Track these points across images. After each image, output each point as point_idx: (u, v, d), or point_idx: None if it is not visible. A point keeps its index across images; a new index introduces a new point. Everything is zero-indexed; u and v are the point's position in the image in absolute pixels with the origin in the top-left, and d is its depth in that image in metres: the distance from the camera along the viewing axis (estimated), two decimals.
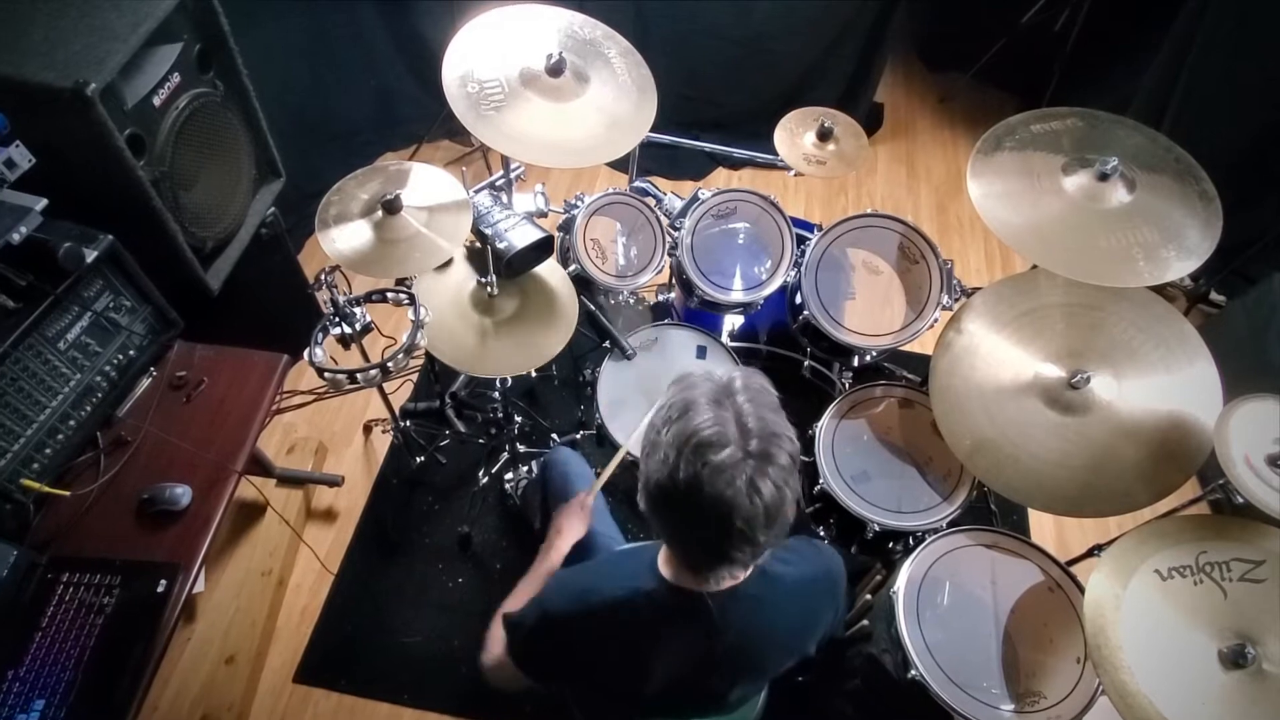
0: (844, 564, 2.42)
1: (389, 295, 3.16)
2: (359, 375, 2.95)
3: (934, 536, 3.30)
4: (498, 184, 3.80)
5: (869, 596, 3.45)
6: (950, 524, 3.46)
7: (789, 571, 2.20)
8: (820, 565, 2.35)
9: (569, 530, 2.86)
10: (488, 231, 3.28)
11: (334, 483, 4.50)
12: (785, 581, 2.18)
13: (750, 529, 1.76)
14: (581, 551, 2.91)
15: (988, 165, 3.19)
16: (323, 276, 2.94)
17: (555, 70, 3.27)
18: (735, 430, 1.76)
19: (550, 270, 3.49)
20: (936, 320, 3.76)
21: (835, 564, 2.39)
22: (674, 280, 4.35)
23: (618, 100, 3.40)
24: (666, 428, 1.82)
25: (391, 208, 2.96)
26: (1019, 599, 3.18)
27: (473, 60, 3.23)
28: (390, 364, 2.97)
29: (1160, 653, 2.55)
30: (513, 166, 3.82)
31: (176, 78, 3.12)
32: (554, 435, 4.53)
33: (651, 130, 3.46)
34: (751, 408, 1.81)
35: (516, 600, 2.57)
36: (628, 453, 3.20)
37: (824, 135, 4.01)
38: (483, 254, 3.27)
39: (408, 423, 4.42)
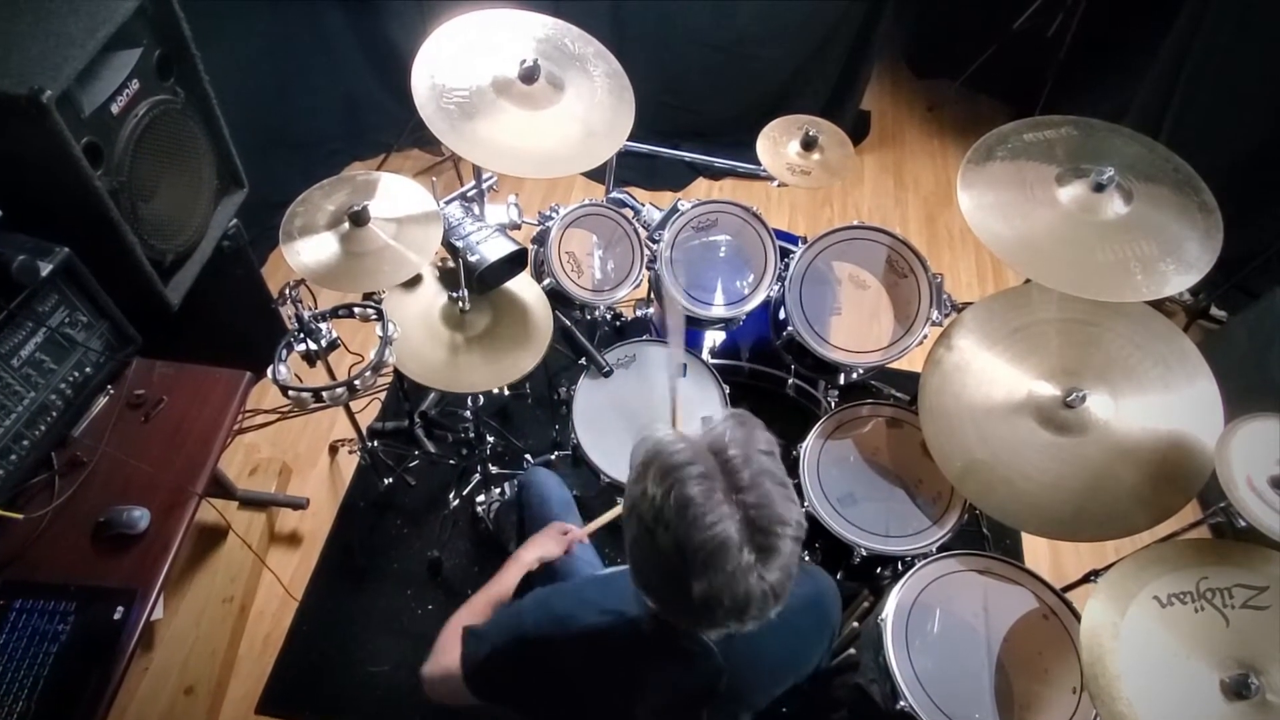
0: (833, 582, 2.42)
1: (356, 310, 3.15)
2: (325, 394, 2.94)
3: (924, 562, 3.30)
4: (469, 195, 3.81)
5: (856, 624, 3.45)
6: (940, 548, 3.46)
7: None
8: (813, 588, 2.34)
9: (539, 546, 2.87)
10: (459, 244, 3.27)
11: (298, 505, 4.48)
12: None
13: (762, 612, 1.76)
14: (553, 574, 2.91)
15: (979, 175, 3.19)
16: (287, 291, 2.93)
17: (529, 77, 3.27)
18: (740, 528, 1.69)
19: (524, 285, 3.49)
20: (926, 336, 3.75)
21: (827, 585, 2.39)
22: (653, 295, 4.35)
23: (594, 108, 3.40)
24: (660, 530, 1.74)
25: (359, 219, 2.96)
26: (1012, 627, 3.18)
27: (444, 67, 3.23)
28: (357, 382, 2.96)
29: (1160, 683, 2.55)
30: (485, 177, 3.82)
31: (135, 84, 3.11)
32: (528, 456, 4.53)
33: (629, 139, 3.47)
34: (754, 484, 1.73)
35: (474, 612, 2.58)
36: (608, 477, 3.22)
37: (808, 144, 4.02)
38: (453, 268, 3.27)
39: (375, 443, 4.40)
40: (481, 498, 4.36)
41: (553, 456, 4.40)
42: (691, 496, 1.70)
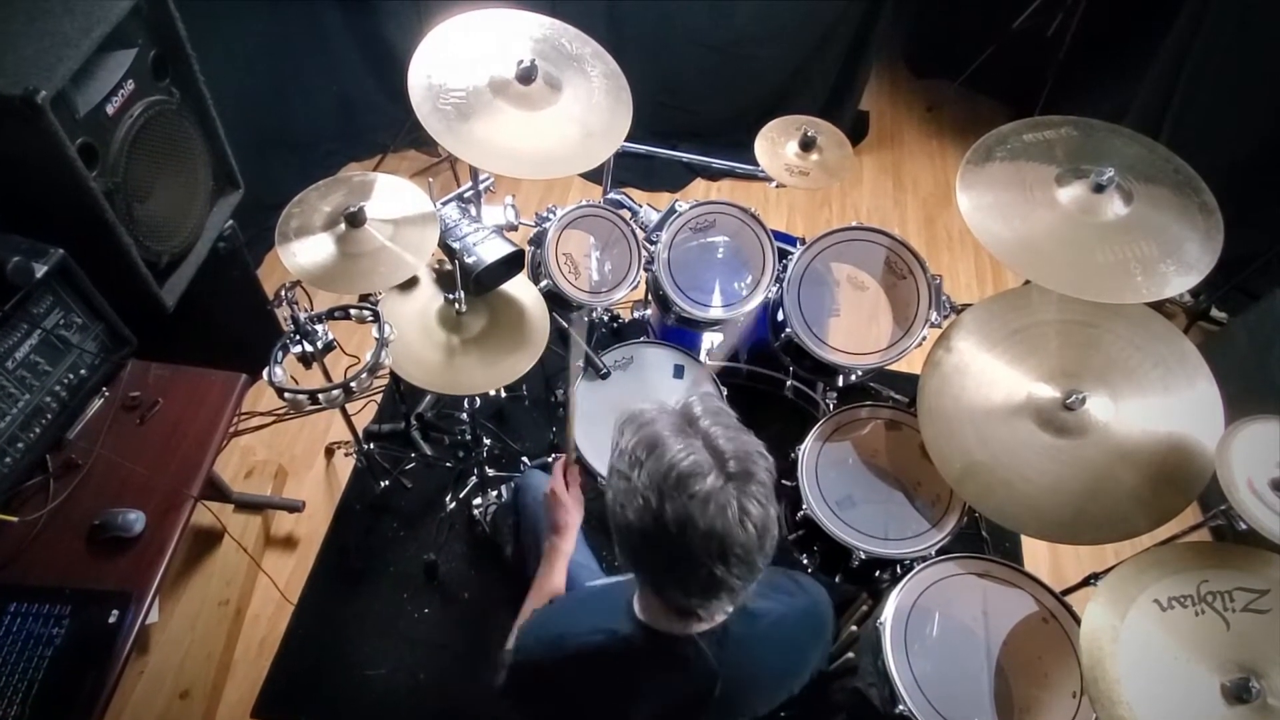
0: (829, 596, 2.41)
1: (352, 312, 3.16)
2: (320, 396, 2.95)
3: (922, 565, 3.30)
4: (466, 196, 3.81)
5: (854, 628, 3.45)
6: (939, 552, 3.44)
7: (773, 608, 2.19)
8: (805, 600, 2.34)
9: (565, 524, 2.83)
10: (455, 245, 3.28)
11: (294, 508, 4.48)
12: (769, 619, 2.17)
13: (748, 554, 1.76)
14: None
15: (978, 176, 3.19)
16: (283, 292, 2.94)
17: (526, 77, 3.27)
18: (710, 457, 1.77)
19: (521, 286, 3.50)
20: (925, 338, 3.75)
21: (820, 597, 2.38)
22: (650, 296, 4.34)
23: (591, 109, 3.40)
24: (636, 470, 1.81)
25: (355, 220, 2.96)
26: (1012, 630, 3.17)
27: (440, 67, 3.23)
28: (353, 384, 2.97)
29: (1160, 686, 2.55)
30: (482, 178, 3.82)
31: (130, 85, 3.11)
32: (524, 458, 4.53)
33: (627, 140, 3.46)
34: (719, 429, 1.82)
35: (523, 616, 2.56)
36: (600, 475, 3.21)
37: (807, 145, 4.03)
38: (450, 269, 3.27)
39: (371, 445, 4.38)
40: (478, 500, 4.36)
41: (550, 459, 4.36)
42: (658, 433, 1.83)
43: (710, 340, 4.58)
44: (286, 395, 2.92)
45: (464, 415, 3.94)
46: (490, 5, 3.43)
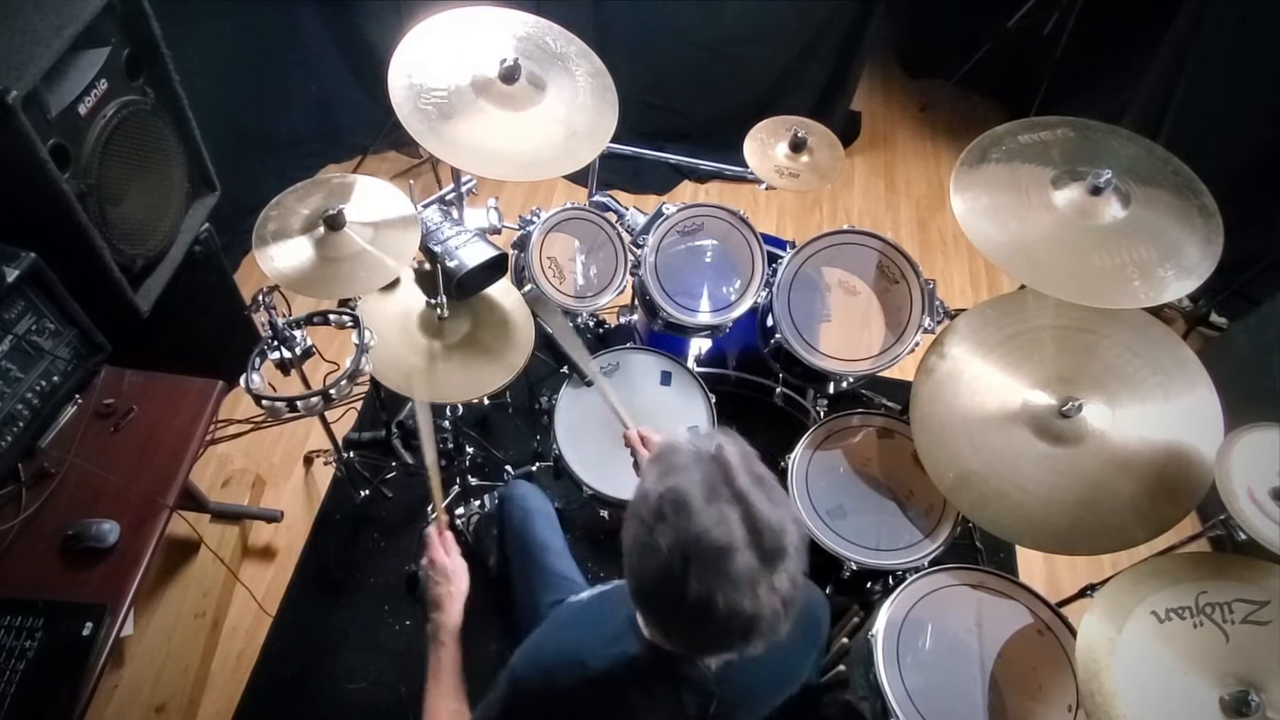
0: (821, 593, 2.41)
1: (331, 317, 3.16)
2: (299, 403, 2.95)
3: (915, 576, 3.31)
4: (448, 198, 3.82)
5: (846, 640, 3.45)
6: (932, 562, 3.47)
7: None
8: (802, 601, 2.30)
9: (449, 595, 2.66)
10: (437, 249, 3.28)
11: (272, 518, 4.48)
12: None
13: (772, 631, 1.75)
14: (543, 590, 2.91)
15: (972, 178, 3.20)
16: (260, 297, 2.93)
17: (509, 76, 3.27)
18: (743, 530, 1.70)
19: (504, 291, 3.51)
20: (918, 344, 3.77)
21: (817, 597, 2.40)
22: (636, 301, 4.35)
23: (576, 109, 3.40)
24: (660, 525, 1.74)
25: (334, 224, 2.96)
26: (1006, 642, 3.18)
27: (421, 66, 3.23)
28: (333, 391, 2.97)
29: (1158, 700, 2.56)
30: (464, 180, 3.82)
31: (104, 84, 3.11)
32: (508, 467, 4.50)
33: (612, 141, 3.47)
34: (755, 491, 1.75)
35: (450, 692, 2.46)
36: (591, 488, 3.22)
37: (797, 146, 4.04)
38: (432, 273, 3.27)
39: (351, 454, 4.39)
40: (461, 510, 4.34)
41: (534, 468, 4.39)
42: (690, 491, 1.72)
43: (698, 346, 4.59)
44: (264, 403, 2.91)
45: (446, 423, 3.94)
46: (473, 3, 3.44)
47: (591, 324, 4.32)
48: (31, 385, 2.97)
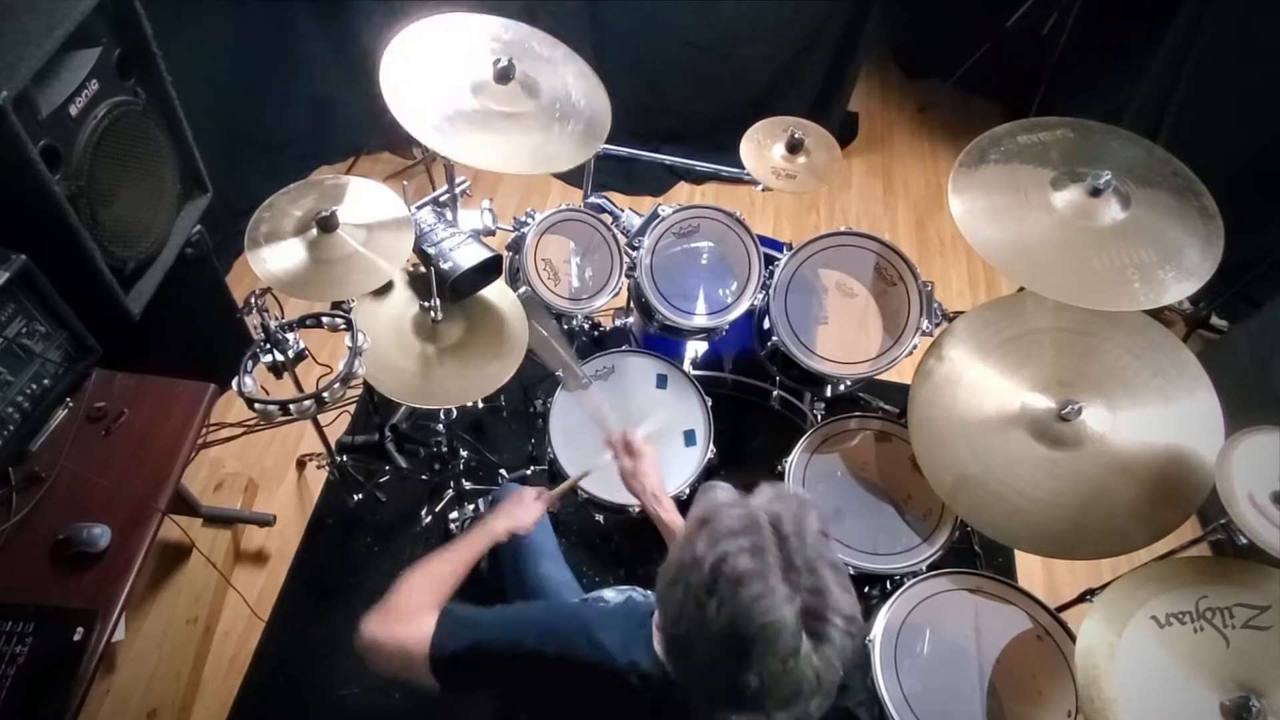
0: None
1: (324, 320, 3.17)
2: (292, 406, 2.95)
3: (913, 580, 3.32)
4: (442, 200, 3.81)
5: None
6: (930, 567, 3.46)
7: None
8: None
9: (510, 516, 2.78)
10: (431, 251, 3.29)
11: (265, 522, 4.47)
12: None
13: (805, 704, 1.72)
14: (536, 594, 2.91)
15: (971, 179, 3.20)
16: (253, 300, 2.93)
17: (504, 76, 3.27)
18: (796, 615, 1.67)
19: (498, 293, 3.51)
20: (915, 347, 3.77)
21: None
22: (632, 304, 4.35)
23: (570, 109, 3.41)
24: (714, 601, 1.71)
25: (327, 225, 2.97)
26: (1005, 648, 3.19)
27: (414, 66, 3.24)
28: (326, 394, 2.97)
29: (1158, 706, 2.56)
30: (458, 181, 3.82)
31: (95, 85, 3.10)
32: (503, 471, 4.52)
33: (608, 141, 3.48)
34: (810, 579, 1.71)
35: (435, 579, 2.53)
36: (584, 491, 3.22)
37: (794, 147, 4.04)
38: (425, 275, 3.27)
39: (344, 457, 4.40)
40: (455, 514, 4.34)
41: (528, 472, 4.39)
42: (748, 570, 1.69)
43: (694, 349, 4.59)
44: (257, 406, 2.92)
45: (440, 426, 3.95)
46: (464, 6, 3.44)
47: (586, 327, 4.32)
48: (22, 388, 2.96)
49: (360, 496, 4.48)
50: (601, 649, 2.10)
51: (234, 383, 2.94)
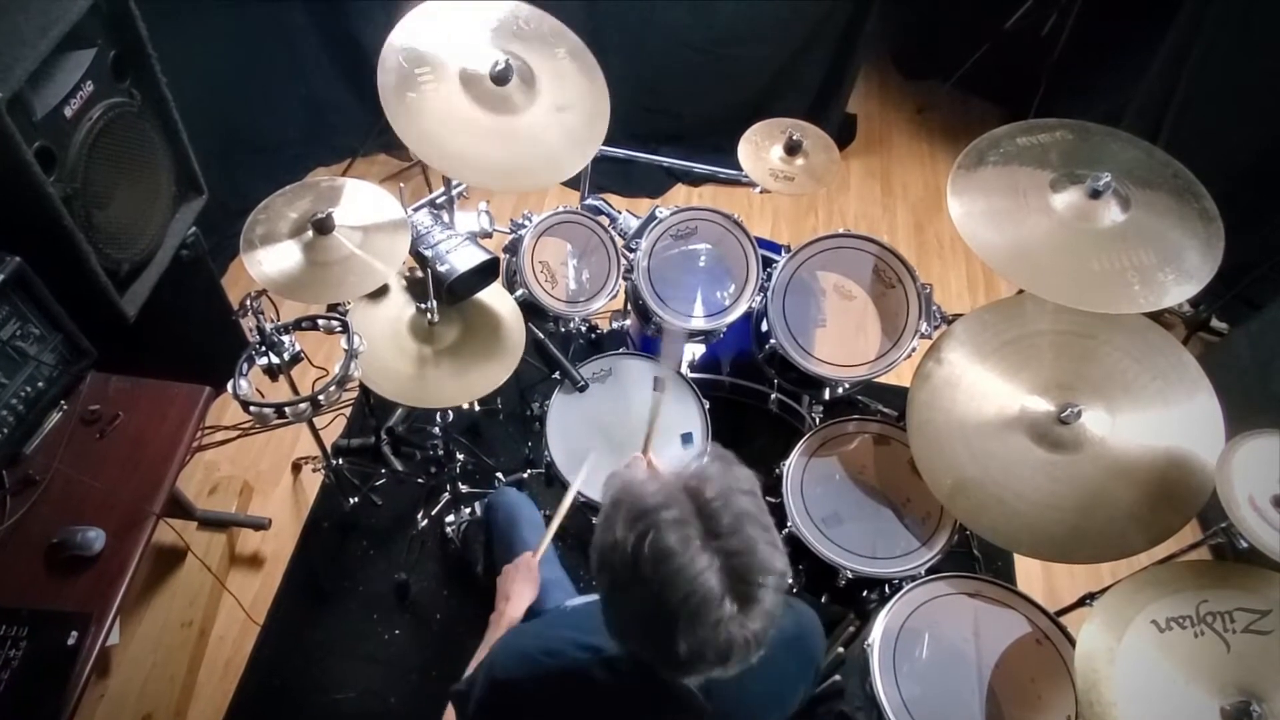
0: (814, 613, 2.40)
1: (320, 322, 3.17)
2: (287, 409, 2.95)
3: (912, 584, 3.32)
4: (438, 202, 3.82)
5: (841, 649, 3.45)
6: (929, 571, 3.46)
7: None
8: (795, 623, 2.29)
9: (518, 596, 2.80)
10: (427, 253, 3.29)
11: (260, 525, 4.48)
12: None
13: (745, 659, 1.75)
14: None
15: (969, 181, 3.19)
16: (248, 302, 2.93)
17: (501, 78, 3.27)
18: (722, 577, 1.69)
19: (495, 295, 3.51)
20: (914, 350, 3.76)
21: (810, 619, 2.37)
22: (629, 306, 4.35)
23: (568, 110, 3.41)
24: (637, 584, 1.72)
25: (323, 227, 2.97)
26: (1004, 652, 3.19)
27: (418, 46, 3.23)
28: (321, 397, 2.97)
29: (1158, 710, 2.56)
30: (454, 183, 3.82)
31: (90, 86, 3.10)
32: (499, 474, 4.52)
33: (605, 143, 3.49)
34: (736, 532, 1.72)
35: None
36: (579, 494, 3.21)
37: (792, 149, 4.04)
38: (422, 278, 3.27)
39: (340, 461, 4.37)
40: (451, 518, 4.36)
41: (525, 475, 4.41)
42: (668, 547, 1.69)
43: (692, 352, 4.58)
44: (252, 409, 2.91)
45: (436, 429, 3.94)
46: None
47: (584, 329, 4.32)
48: (16, 391, 2.96)
49: (356, 500, 4.47)
50: (557, 655, 2.13)
51: (229, 385, 2.94)
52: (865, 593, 3.66)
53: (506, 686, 2.17)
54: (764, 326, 3.94)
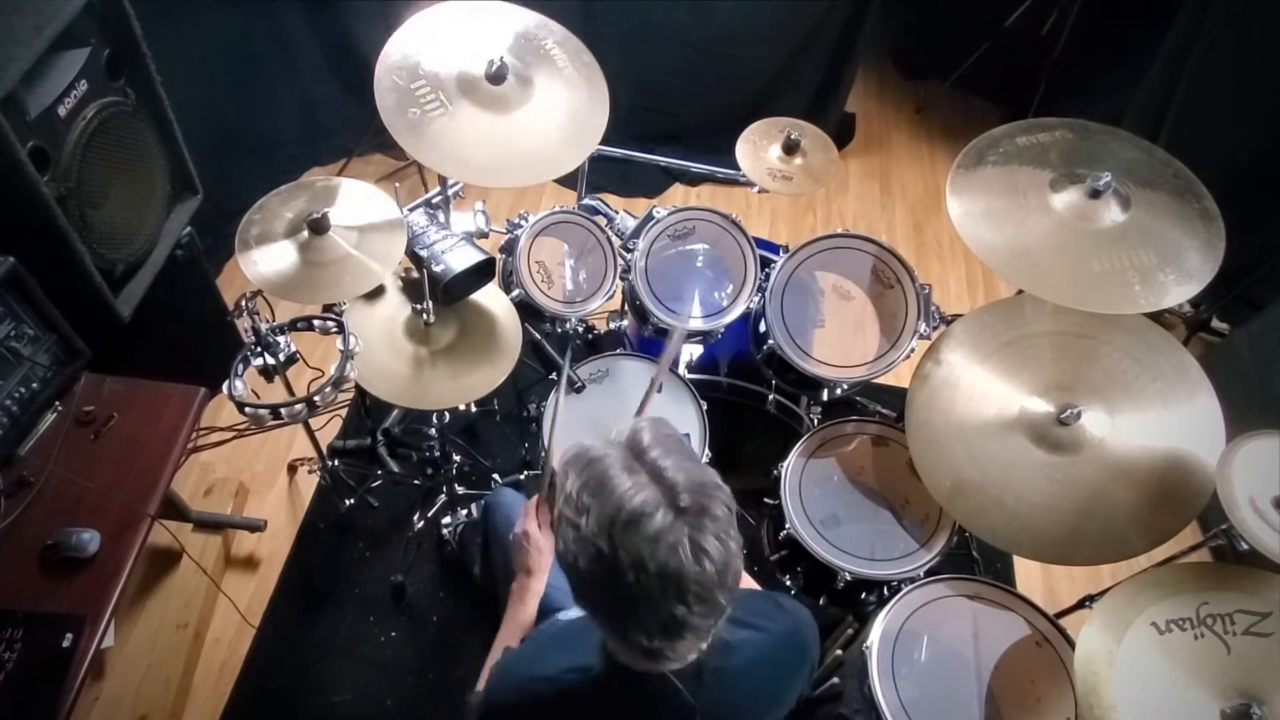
0: (810, 615, 2.40)
1: (316, 323, 3.16)
2: (283, 410, 2.94)
3: (910, 586, 3.31)
4: (434, 202, 3.82)
5: (839, 652, 3.44)
6: (928, 573, 3.46)
7: (753, 637, 2.17)
8: (786, 624, 2.31)
9: (539, 569, 2.79)
10: (423, 253, 3.29)
11: (255, 527, 4.48)
12: (750, 649, 2.15)
13: (706, 591, 1.74)
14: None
15: (969, 181, 3.19)
16: (243, 302, 2.92)
17: (498, 77, 3.27)
18: (659, 493, 1.74)
19: (491, 296, 3.51)
20: (913, 350, 3.76)
21: (803, 619, 2.37)
22: (626, 306, 4.35)
23: (565, 110, 3.41)
24: (584, 516, 1.77)
25: (318, 227, 2.97)
26: (1003, 654, 3.18)
27: (412, 58, 3.23)
28: (317, 398, 2.97)
29: (1158, 713, 2.56)
30: (451, 183, 3.83)
31: (84, 85, 3.11)
32: (496, 476, 4.52)
33: (602, 143, 3.49)
34: (670, 461, 1.80)
35: (489, 666, 2.53)
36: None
37: (790, 148, 4.04)
38: (418, 278, 3.27)
39: (336, 462, 4.36)
40: (447, 520, 4.36)
41: (522, 476, 4.40)
42: (604, 472, 1.77)
43: (689, 353, 4.58)
44: (247, 410, 2.91)
45: (432, 430, 3.95)
46: None
47: (580, 330, 4.32)
48: (10, 392, 2.97)
49: (352, 501, 4.47)
50: (551, 680, 2.14)
51: (224, 386, 2.93)
52: (864, 595, 3.65)
53: (503, 712, 2.22)
54: (762, 327, 3.94)
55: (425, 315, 3.26)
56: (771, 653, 2.22)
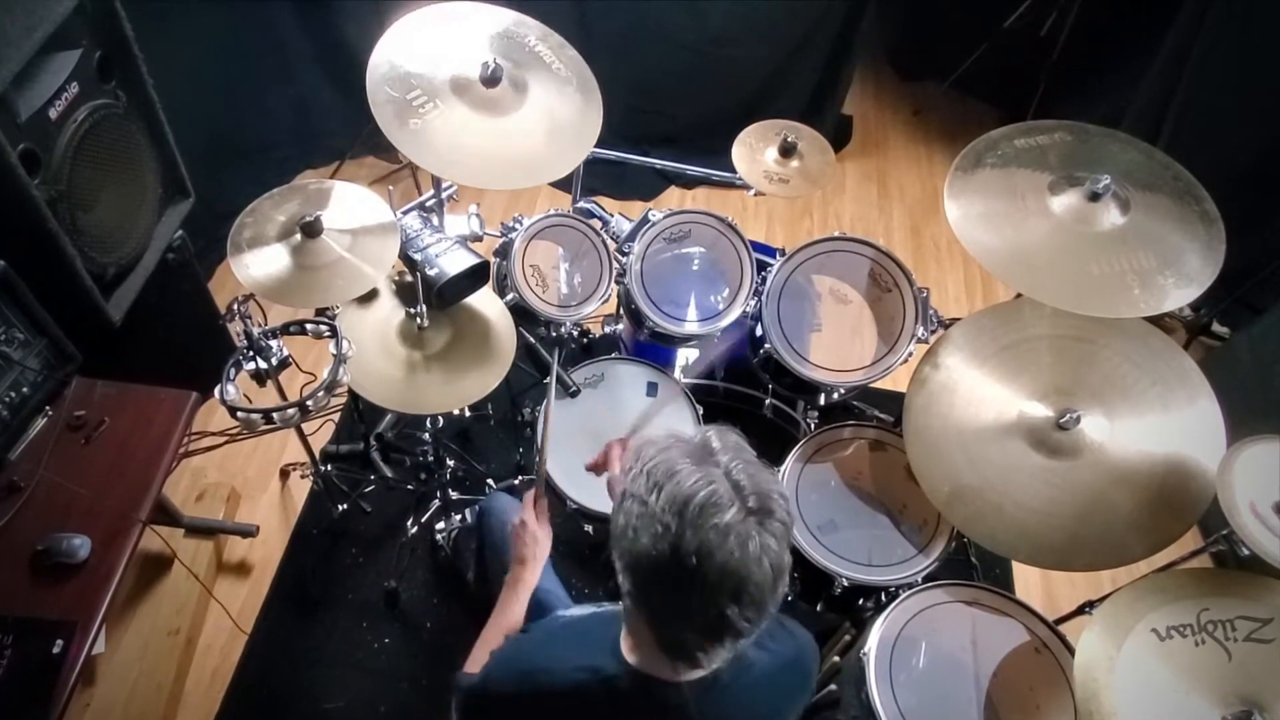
0: (813, 639, 2.40)
1: (308, 327, 3.15)
2: (275, 415, 2.94)
3: (908, 592, 3.31)
4: (428, 205, 3.83)
5: (837, 659, 3.45)
6: (926, 578, 3.46)
7: (761, 656, 2.15)
8: (793, 648, 2.31)
9: (534, 560, 2.79)
10: (417, 257, 3.29)
11: (248, 533, 4.47)
12: (759, 667, 2.14)
13: (761, 595, 1.75)
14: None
15: (967, 184, 3.19)
16: (235, 306, 2.92)
17: (491, 79, 3.27)
18: (730, 488, 1.75)
19: (486, 300, 3.51)
20: (911, 354, 3.77)
21: (806, 645, 2.37)
22: (622, 310, 4.35)
23: (560, 112, 3.41)
24: (655, 494, 1.77)
25: (311, 230, 2.97)
26: (1002, 661, 3.18)
27: (401, 68, 3.22)
28: (310, 402, 2.97)
29: None
30: (445, 186, 3.82)
31: (75, 87, 3.10)
32: (490, 481, 4.53)
33: (597, 145, 3.48)
34: (739, 464, 1.80)
35: (479, 652, 2.55)
36: (571, 499, 3.21)
37: (787, 151, 4.04)
38: (411, 282, 3.27)
39: (329, 467, 4.40)
40: (441, 525, 4.36)
41: (516, 481, 4.41)
42: (677, 460, 1.79)
43: (685, 356, 4.58)
44: (239, 414, 2.91)
45: (426, 435, 3.95)
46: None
47: (575, 334, 4.32)
48: (0, 396, 2.97)
49: (345, 506, 4.46)
50: (556, 674, 2.12)
51: (216, 391, 2.93)
52: (861, 601, 3.65)
53: (500, 699, 2.20)
54: (758, 331, 3.95)
55: (419, 319, 3.27)
56: (775, 676, 2.21)
